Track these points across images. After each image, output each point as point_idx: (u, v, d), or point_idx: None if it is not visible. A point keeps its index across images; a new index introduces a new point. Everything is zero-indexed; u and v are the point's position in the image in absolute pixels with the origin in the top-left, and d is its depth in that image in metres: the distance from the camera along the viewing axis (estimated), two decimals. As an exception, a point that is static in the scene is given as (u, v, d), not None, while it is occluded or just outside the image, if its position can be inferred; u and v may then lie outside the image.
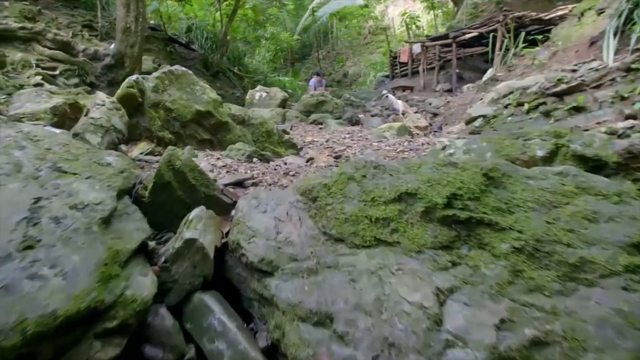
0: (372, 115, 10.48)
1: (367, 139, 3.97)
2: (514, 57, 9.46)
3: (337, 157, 2.99)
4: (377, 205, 1.69)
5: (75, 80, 8.41)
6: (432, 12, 23.68)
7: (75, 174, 1.92)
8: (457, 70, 14.44)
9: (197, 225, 1.87)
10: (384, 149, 3.18)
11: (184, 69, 3.25)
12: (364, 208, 1.70)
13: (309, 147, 3.58)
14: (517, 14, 11.90)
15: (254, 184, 2.40)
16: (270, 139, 3.35)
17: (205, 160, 2.59)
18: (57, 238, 1.57)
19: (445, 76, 15.75)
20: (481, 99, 8.07)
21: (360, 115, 9.10)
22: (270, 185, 2.36)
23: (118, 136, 2.71)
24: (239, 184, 2.33)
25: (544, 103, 5.22)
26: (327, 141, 3.87)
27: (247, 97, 10.03)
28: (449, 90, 14.09)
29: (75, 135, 2.59)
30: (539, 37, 9.06)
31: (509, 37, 9.72)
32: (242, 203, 2.03)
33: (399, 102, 10.42)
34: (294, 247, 1.74)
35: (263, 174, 2.51)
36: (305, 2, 28.68)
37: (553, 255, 1.40)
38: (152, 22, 17.22)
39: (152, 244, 1.94)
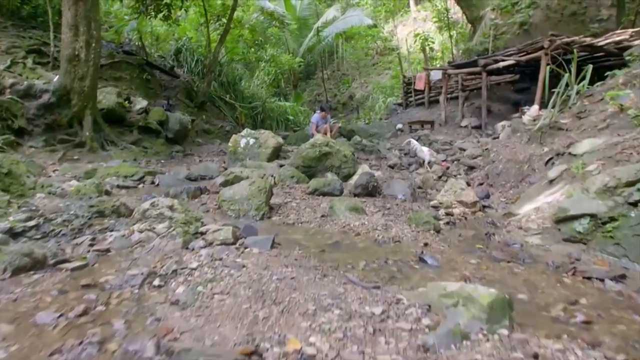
0: (391, 167, 8.23)
1: None
2: (577, 96, 7.22)
3: None
4: None
5: (-6, 127, 6.22)
6: (446, 33, 21.65)
7: None
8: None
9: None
10: None
11: None
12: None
13: None
14: (565, 39, 9.72)
15: None
16: None
17: None
18: None
19: (470, 108, 13.54)
20: (549, 160, 5.82)
21: (376, 174, 6.85)
22: None
23: None
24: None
25: None
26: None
27: (229, 144, 7.83)
28: (478, 127, 11.85)
29: None
30: (618, 72, 6.85)
31: (565, 68, 7.48)
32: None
33: (425, 149, 8.20)
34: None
35: None
36: (309, 22, 26.81)
37: None
38: (136, 44, 15.20)
39: None
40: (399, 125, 13.69)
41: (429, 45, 20.64)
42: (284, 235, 3.76)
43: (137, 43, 14.60)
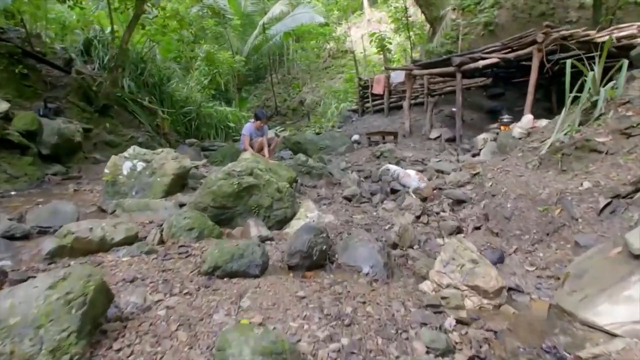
0: (348, 199, 5.88)
1: None
2: (604, 104, 5.16)
3: None
4: None
5: None
6: (403, 34, 19.82)
7: None
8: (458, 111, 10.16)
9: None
10: None
11: None
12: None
13: None
14: (563, 32, 7.82)
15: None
16: None
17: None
18: None
19: (439, 117, 11.48)
20: (607, 205, 3.65)
21: (327, 219, 4.48)
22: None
23: None
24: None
25: None
26: None
27: (106, 170, 5.19)
28: (451, 140, 9.78)
29: None
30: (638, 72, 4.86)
31: (586, 67, 5.43)
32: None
33: (412, 173, 5.98)
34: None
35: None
36: (255, 19, 24.31)
37: None
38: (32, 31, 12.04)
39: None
40: (355, 137, 11.43)
41: (386, 45, 18.74)
42: None
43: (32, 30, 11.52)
